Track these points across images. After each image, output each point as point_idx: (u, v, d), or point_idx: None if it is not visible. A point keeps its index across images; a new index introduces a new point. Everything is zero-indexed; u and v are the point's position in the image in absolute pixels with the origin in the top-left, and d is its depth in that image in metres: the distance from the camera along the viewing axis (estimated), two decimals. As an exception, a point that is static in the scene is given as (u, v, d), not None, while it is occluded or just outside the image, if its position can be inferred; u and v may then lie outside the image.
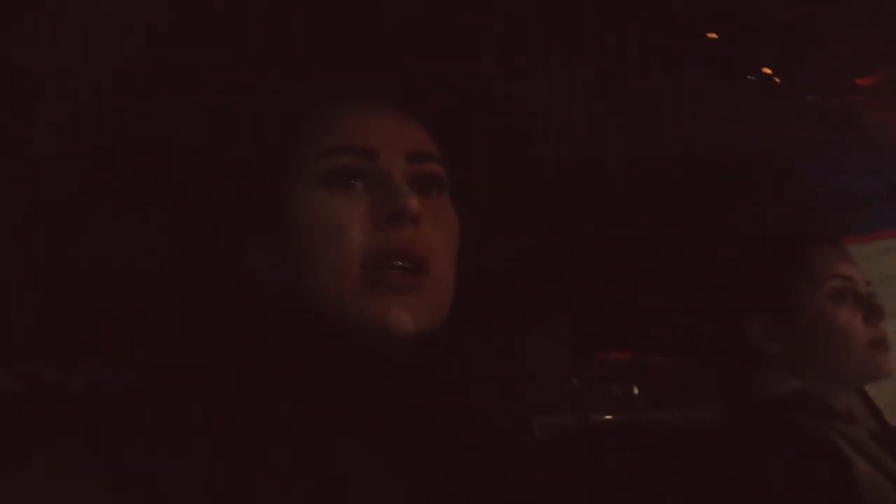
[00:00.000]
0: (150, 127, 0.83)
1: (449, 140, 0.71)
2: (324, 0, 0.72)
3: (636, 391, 1.60)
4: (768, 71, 0.88)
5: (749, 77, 0.89)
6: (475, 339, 0.69)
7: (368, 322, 0.61)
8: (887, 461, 1.02)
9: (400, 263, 0.62)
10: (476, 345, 0.71)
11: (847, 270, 1.10)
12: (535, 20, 0.78)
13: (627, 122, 1.03)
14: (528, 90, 0.91)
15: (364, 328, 0.61)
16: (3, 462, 0.54)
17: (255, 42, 0.75)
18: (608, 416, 1.57)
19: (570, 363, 1.54)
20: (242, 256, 0.69)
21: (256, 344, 0.65)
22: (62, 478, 0.51)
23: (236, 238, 0.70)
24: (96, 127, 0.81)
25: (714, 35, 0.83)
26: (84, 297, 0.98)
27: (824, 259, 1.11)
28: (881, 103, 1.00)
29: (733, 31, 0.83)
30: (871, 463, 1.00)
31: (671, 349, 1.62)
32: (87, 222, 0.93)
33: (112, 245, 0.95)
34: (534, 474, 0.70)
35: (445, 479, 0.61)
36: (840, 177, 1.24)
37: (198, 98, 0.79)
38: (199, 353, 0.66)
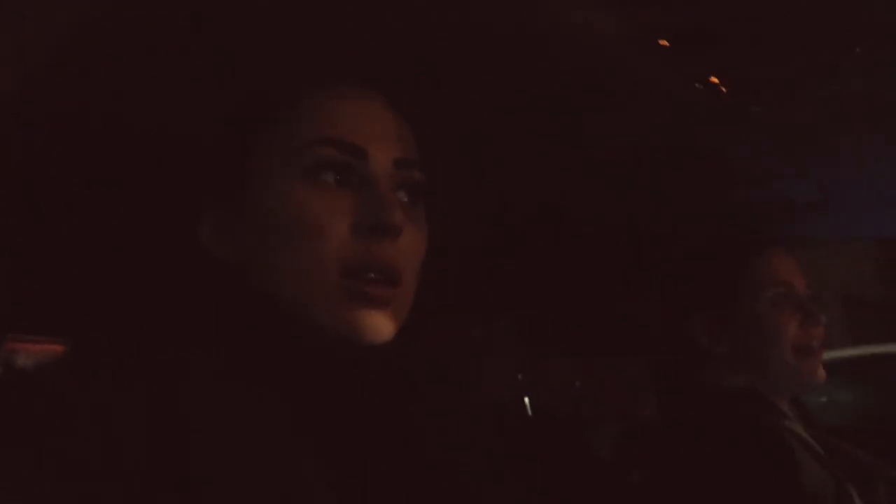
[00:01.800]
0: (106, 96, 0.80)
1: (428, 136, 0.69)
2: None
3: (577, 385, 1.63)
4: (715, 80, 0.91)
5: (697, 85, 0.91)
6: (425, 337, 0.69)
7: (341, 329, 0.60)
8: (824, 458, 1.07)
9: (378, 276, 0.61)
10: (425, 343, 0.70)
11: (789, 277, 1.14)
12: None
13: (575, 123, 1.04)
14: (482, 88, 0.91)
15: (333, 333, 0.61)
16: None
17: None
18: (552, 411, 1.59)
19: (516, 360, 1.56)
20: (201, 229, 0.66)
21: (207, 324, 0.64)
22: None
23: (193, 210, 0.67)
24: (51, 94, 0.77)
25: (665, 42, 0.85)
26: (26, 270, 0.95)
27: (768, 265, 1.16)
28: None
29: (684, 40, 0.85)
30: (813, 457, 1.05)
31: (615, 347, 1.65)
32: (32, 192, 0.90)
33: (61, 217, 0.92)
34: (492, 468, 0.70)
35: (403, 480, 0.61)
36: (780, 184, 1.28)
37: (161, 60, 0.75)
38: (145, 334, 0.64)
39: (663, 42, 0.85)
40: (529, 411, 1.58)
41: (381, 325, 0.61)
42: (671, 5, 0.77)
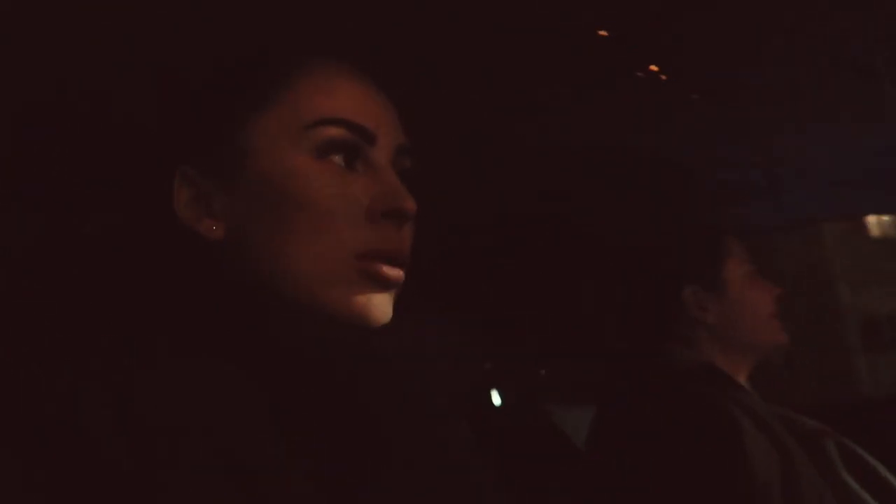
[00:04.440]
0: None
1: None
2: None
3: (543, 373, 1.66)
4: (655, 68, 0.95)
5: (638, 74, 0.95)
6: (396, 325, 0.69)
7: (349, 309, 0.59)
8: (777, 428, 1.13)
9: (390, 260, 0.60)
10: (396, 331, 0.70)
11: (758, 256, 1.30)
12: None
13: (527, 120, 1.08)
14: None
15: (336, 314, 0.59)
16: None
17: None
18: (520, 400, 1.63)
19: (482, 350, 1.59)
20: (176, 202, 0.61)
21: (178, 301, 0.60)
22: None
23: (169, 179, 0.61)
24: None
25: (604, 33, 0.88)
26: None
27: (737, 248, 1.30)
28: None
29: (623, 29, 0.89)
30: (763, 431, 1.11)
31: (579, 335, 1.68)
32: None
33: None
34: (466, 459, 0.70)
35: (381, 468, 0.61)
36: (727, 172, 1.34)
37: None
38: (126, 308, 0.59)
39: (602, 32, 0.88)
40: (498, 402, 1.61)
41: (387, 307, 0.61)
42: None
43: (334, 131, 0.60)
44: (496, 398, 1.61)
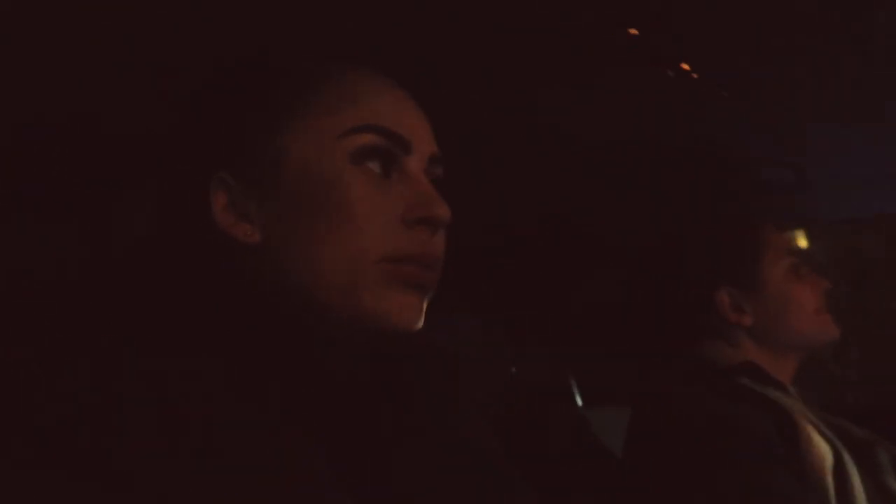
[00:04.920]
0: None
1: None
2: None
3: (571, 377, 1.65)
4: (686, 67, 0.93)
5: (669, 72, 0.94)
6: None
7: (382, 313, 0.59)
8: (825, 429, 1.10)
9: (423, 265, 0.61)
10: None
11: (795, 249, 1.25)
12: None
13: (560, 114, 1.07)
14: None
15: (370, 318, 0.59)
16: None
17: None
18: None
19: (513, 349, 1.58)
20: (213, 207, 0.61)
21: (215, 307, 0.60)
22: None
23: (205, 186, 0.62)
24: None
25: (635, 31, 0.87)
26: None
27: (777, 240, 1.24)
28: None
29: (654, 28, 0.88)
30: (813, 426, 1.08)
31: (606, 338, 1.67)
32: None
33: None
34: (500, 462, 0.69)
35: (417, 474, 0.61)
36: (758, 168, 1.32)
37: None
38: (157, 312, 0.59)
39: (633, 31, 0.87)
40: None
41: (419, 312, 0.61)
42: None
43: (370, 138, 0.61)
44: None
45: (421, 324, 0.61)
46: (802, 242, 1.30)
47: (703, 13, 0.88)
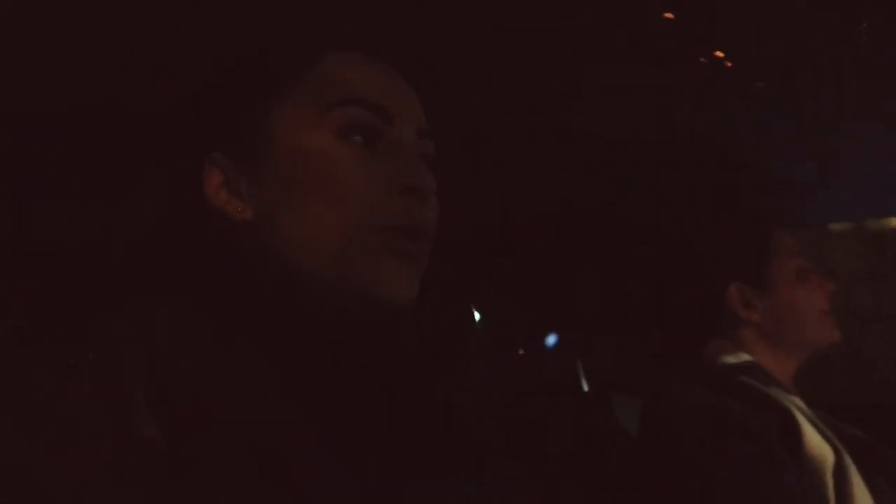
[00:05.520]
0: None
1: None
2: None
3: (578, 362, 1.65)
4: (721, 54, 0.92)
5: (702, 59, 0.92)
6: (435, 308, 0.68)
7: (374, 282, 0.59)
8: (824, 428, 1.10)
9: (411, 235, 0.61)
10: (436, 314, 0.70)
11: (802, 252, 1.23)
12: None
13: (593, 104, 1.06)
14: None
15: (361, 288, 0.59)
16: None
17: None
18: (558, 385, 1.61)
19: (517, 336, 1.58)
20: (207, 185, 0.63)
21: (210, 281, 0.61)
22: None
23: (199, 165, 0.64)
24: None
25: (670, 15, 0.86)
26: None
27: (786, 242, 1.24)
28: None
29: (689, 13, 0.87)
30: (813, 426, 1.08)
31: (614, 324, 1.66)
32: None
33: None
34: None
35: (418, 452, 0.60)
36: (782, 163, 1.30)
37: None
38: (155, 286, 0.62)
39: (668, 15, 0.86)
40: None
41: (411, 282, 0.61)
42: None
43: (352, 111, 0.62)
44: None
45: (413, 295, 0.61)
46: (811, 244, 1.29)
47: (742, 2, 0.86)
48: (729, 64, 0.93)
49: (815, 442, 1.05)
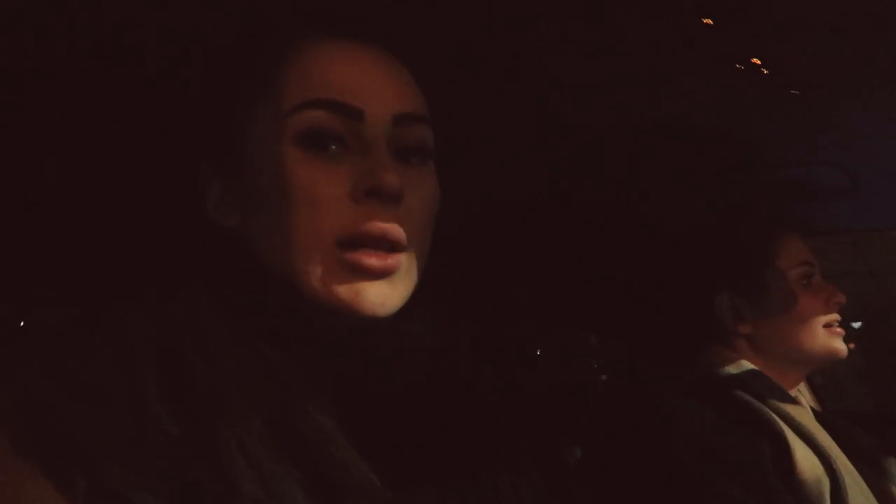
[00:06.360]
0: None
1: (435, 90, 0.65)
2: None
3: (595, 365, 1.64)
4: (757, 61, 0.90)
5: (738, 66, 0.90)
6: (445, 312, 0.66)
7: (336, 301, 0.58)
8: (824, 442, 1.07)
9: (376, 246, 0.58)
10: (444, 318, 0.67)
11: (810, 258, 1.16)
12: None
13: (608, 96, 1.03)
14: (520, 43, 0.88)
15: (330, 305, 0.58)
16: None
17: None
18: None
19: (533, 336, 1.57)
20: (208, 199, 0.65)
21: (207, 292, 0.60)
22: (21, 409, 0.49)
23: (190, 165, 0.66)
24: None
25: (709, 21, 0.84)
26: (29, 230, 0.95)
27: (791, 246, 1.17)
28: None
29: (728, 19, 0.84)
30: (808, 444, 1.05)
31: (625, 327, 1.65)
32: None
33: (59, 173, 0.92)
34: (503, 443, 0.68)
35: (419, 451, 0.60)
36: (807, 169, 1.27)
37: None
38: (149, 289, 0.61)
39: (707, 20, 0.83)
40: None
41: (381, 297, 0.58)
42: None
43: (314, 115, 0.59)
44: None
45: (388, 307, 0.59)
46: (810, 254, 1.21)
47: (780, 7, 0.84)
48: (765, 71, 0.90)
49: (808, 465, 1.01)
